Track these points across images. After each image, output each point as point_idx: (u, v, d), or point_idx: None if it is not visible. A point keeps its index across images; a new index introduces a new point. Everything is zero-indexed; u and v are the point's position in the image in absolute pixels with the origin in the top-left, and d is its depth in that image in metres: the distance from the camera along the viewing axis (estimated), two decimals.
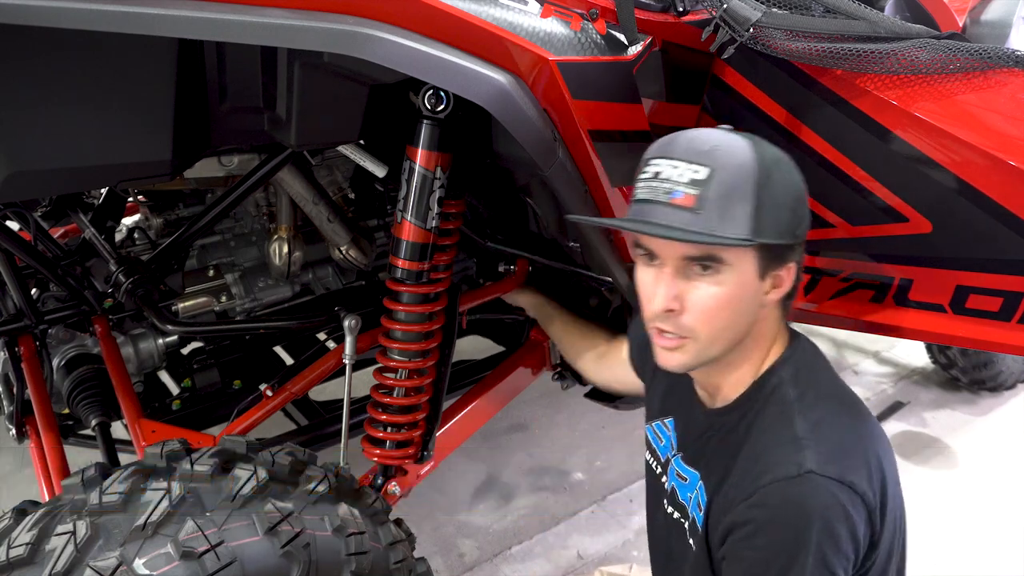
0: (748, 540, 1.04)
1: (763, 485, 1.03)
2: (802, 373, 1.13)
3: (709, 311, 1.05)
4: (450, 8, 1.10)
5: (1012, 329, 1.32)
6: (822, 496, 0.99)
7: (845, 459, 1.02)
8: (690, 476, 1.23)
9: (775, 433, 1.07)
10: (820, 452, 1.02)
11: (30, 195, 1.62)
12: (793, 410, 1.08)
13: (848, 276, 1.51)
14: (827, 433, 1.05)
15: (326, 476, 1.25)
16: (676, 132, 1.08)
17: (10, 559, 1.03)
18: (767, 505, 1.02)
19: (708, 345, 1.08)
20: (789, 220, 1.05)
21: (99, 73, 1.04)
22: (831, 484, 0.99)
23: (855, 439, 1.07)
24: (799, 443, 1.03)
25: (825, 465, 1.01)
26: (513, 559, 2.42)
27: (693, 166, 1.01)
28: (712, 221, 0.99)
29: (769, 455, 1.06)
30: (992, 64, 1.23)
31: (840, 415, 1.10)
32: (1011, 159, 1.19)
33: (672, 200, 1.01)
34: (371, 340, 1.71)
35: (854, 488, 1.00)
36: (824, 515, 0.99)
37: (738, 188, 1.00)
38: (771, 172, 1.02)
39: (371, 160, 1.59)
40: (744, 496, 1.05)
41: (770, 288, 1.09)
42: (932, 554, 2.39)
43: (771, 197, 1.01)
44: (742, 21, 1.26)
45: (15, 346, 1.89)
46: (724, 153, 1.02)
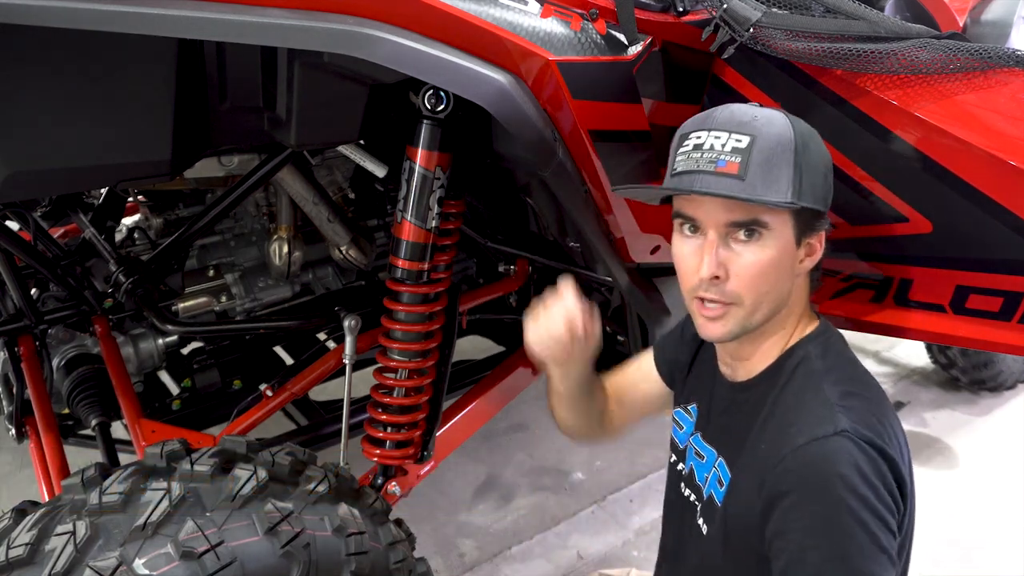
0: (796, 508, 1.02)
1: (799, 446, 1.02)
2: (830, 352, 1.14)
3: (754, 276, 1.07)
4: (450, 8, 1.10)
5: (1012, 329, 1.32)
6: (861, 453, 0.99)
7: (874, 428, 1.03)
8: (708, 454, 1.23)
9: (805, 399, 1.08)
10: (852, 418, 1.02)
11: (30, 195, 1.62)
12: (823, 379, 1.09)
13: (848, 276, 1.50)
14: (857, 404, 1.06)
15: (326, 476, 1.25)
16: (710, 109, 1.11)
17: (10, 559, 1.03)
18: (807, 464, 1.01)
19: (752, 311, 1.10)
20: (823, 187, 1.09)
21: (99, 73, 1.04)
22: (866, 447, 1.00)
23: (882, 418, 1.07)
24: (831, 407, 1.04)
25: (859, 428, 1.01)
26: (513, 559, 2.42)
27: (735, 135, 1.04)
28: (757, 186, 1.02)
29: (801, 418, 1.05)
30: (992, 64, 1.23)
31: (868, 394, 1.11)
32: (1011, 159, 1.19)
33: (717, 168, 1.04)
34: (371, 340, 1.71)
35: (885, 454, 1.01)
36: (862, 470, 0.98)
37: (779, 155, 1.04)
38: (807, 141, 1.07)
39: (371, 160, 1.59)
40: (777, 460, 1.04)
41: (804, 256, 1.12)
42: (932, 554, 2.39)
43: (808, 164, 1.05)
44: (742, 21, 1.26)
45: (15, 346, 1.89)
46: (763, 123, 1.05)
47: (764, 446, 1.09)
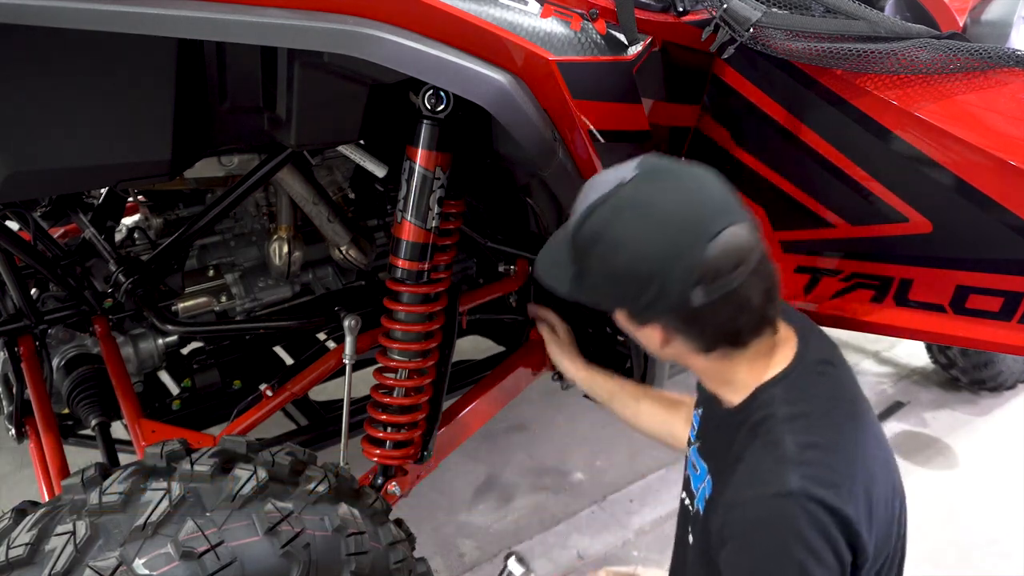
0: (737, 554, 1.06)
1: (747, 499, 1.04)
2: (796, 393, 1.11)
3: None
4: (450, 8, 1.10)
5: (1012, 329, 1.32)
6: (804, 517, 0.99)
7: (831, 484, 1.02)
8: (701, 468, 1.24)
9: (763, 450, 1.08)
10: (806, 475, 1.02)
11: (30, 195, 1.62)
12: (783, 429, 1.07)
13: (848, 276, 1.50)
14: (816, 456, 1.04)
15: (326, 476, 1.25)
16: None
17: (10, 559, 1.03)
18: (748, 520, 1.04)
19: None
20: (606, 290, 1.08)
21: (99, 73, 1.04)
22: (814, 508, 1.00)
23: (846, 462, 1.06)
24: (786, 462, 1.03)
25: (810, 488, 1.00)
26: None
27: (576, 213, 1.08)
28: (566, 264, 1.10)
29: (755, 470, 1.06)
30: (992, 64, 1.23)
31: (833, 437, 1.08)
32: (1011, 159, 1.19)
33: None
34: (371, 340, 1.71)
35: (837, 513, 1.00)
36: (805, 536, 0.99)
37: (565, 243, 1.09)
38: (590, 244, 1.05)
39: (371, 160, 1.59)
40: (730, 507, 1.07)
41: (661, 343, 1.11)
42: (932, 554, 2.39)
43: (588, 264, 1.07)
44: (742, 21, 1.26)
45: (15, 346, 1.89)
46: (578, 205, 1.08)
47: (728, 487, 1.10)
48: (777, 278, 1.06)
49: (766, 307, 1.06)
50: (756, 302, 1.04)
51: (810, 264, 1.54)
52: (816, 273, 1.54)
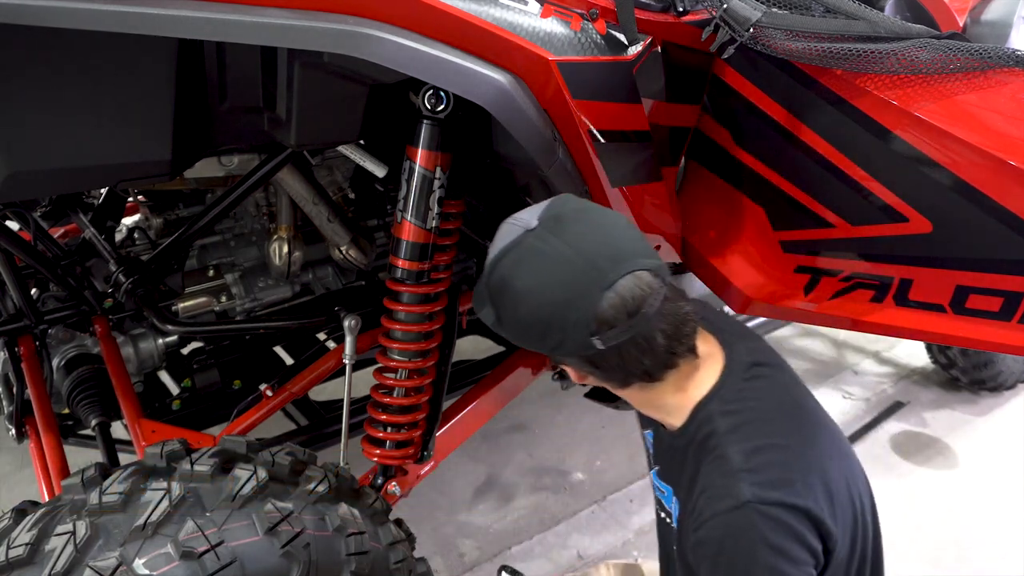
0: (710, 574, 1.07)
1: (706, 520, 1.06)
2: (732, 404, 1.13)
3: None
4: (450, 8, 1.10)
5: (1012, 329, 1.32)
6: (764, 523, 1.01)
7: (783, 483, 1.04)
8: (667, 489, 1.27)
9: (712, 468, 1.09)
10: (756, 481, 1.04)
11: (30, 195, 1.62)
12: (726, 442, 1.09)
13: (848, 276, 1.50)
14: (762, 460, 1.06)
15: (326, 476, 1.25)
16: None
17: (10, 559, 1.03)
18: (712, 540, 1.06)
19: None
20: (517, 332, 1.11)
21: (99, 73, 1.04)
22: (771, 510, 1.02)
23: (794, 457, 1.08)
24: (735, 475, 1.05)
25: (763, 493, 1.02)
26: (513, 559, 2.42)
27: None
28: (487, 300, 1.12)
29: (708, 489, 1.08)
30: (992, 64, 1.23)
31: (777, 435, 1.10)
32: (1011, 159, 1.19)
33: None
34: (371, 340, 1.71)
35: (796, 508, 1.02)
36: (769, 540, 1.01)
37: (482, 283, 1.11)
38: (499, 291, 1.08)
39: (371, 160, 1.59)
40: (694, 528, 1.09)
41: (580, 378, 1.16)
42: (932, 554, 2.39)
43: (502, 306, 1.09)
44: (742, 21, 1.26)
45: (15, 346, 1.89)
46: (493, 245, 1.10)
47: (688, 510, 1.13)
48: (685, 317, 1.08)
49: (673, 346, 1.07)
50: (660, 344, 1.06)
51: (810, 264, 1.54)
52: (816, 273, 1.54)
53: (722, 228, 1.62)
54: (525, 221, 1.07)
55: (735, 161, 1.52)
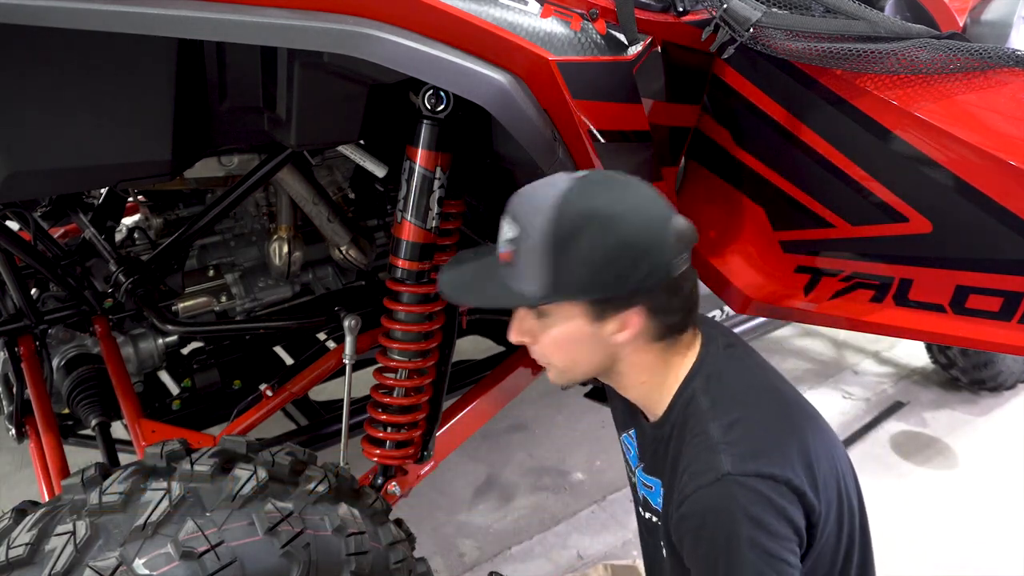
0: (693, 552, 1.09)
1: (688, 495, 1.07)
2: (712, 381, 1.15)
3: (549, 347, 1.14)
4: (450, 8, 1.10)
5: (1012, 329, 1.32)
6: (744, 494, 1.02)
7: (761, 453, 1.06)
8: (653, 484, 1.27)
9: (693, 445, 1.11)
10: (735, 454, 1.05)
11: (30, 195, 1.62)
12: (706, 419, 1.11)
13: (848, 276, 1.50)
14: (740, 432, 1.08)
15: (326, 476, 1.25)
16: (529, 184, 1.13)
17: (10, 559, 1.02)
18: (695, 514, 1.07)
19: (566, 371, 1.17)
20: (603, 272, 1.04)
21: (99, 73, 1.04)
22: (751, 481, 1.03)
23: (771, 429, 1.10)
24: (714, 449, 1.07)
25: (742, 464, 1.04)
26: (513, 559, 2.42)
27: (513, 224, 1.08)
28: (519, 277, 1.07)
29: (690, 466, 1.10)
30: (992, 64, 1.23)
31: (756, 408, 1.13)
32: (1011, 159, 1.19)
33: (500, 255, 1.10)
34: (371, 340, 1.71)
35: (775, 478, 1.03)
36: (749, 511, 1.02)
37: (536, 249, 1.05)
38: (577, 228, 1.03)
39: (371, 160, 1.59)
40: (677, 507, 1.10)
41: (615, 331, 1.10)
42: (933, 554, 2.39)
43: (572, 255, 1.03)
44: (742, 21, 1.26)
45: (15, 346, 1.89)
46: (531, 212, 1.06)
47: (673, 492, 1.14)
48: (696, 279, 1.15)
49: (694, 299, 1.14)
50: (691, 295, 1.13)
51: (810, 264, 1.54)
52: (816, 273, 1.54)
53: (722, 228, 1.62)
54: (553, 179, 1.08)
55: (735, 161, 1.52)
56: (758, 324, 2.63)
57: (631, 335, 1.10)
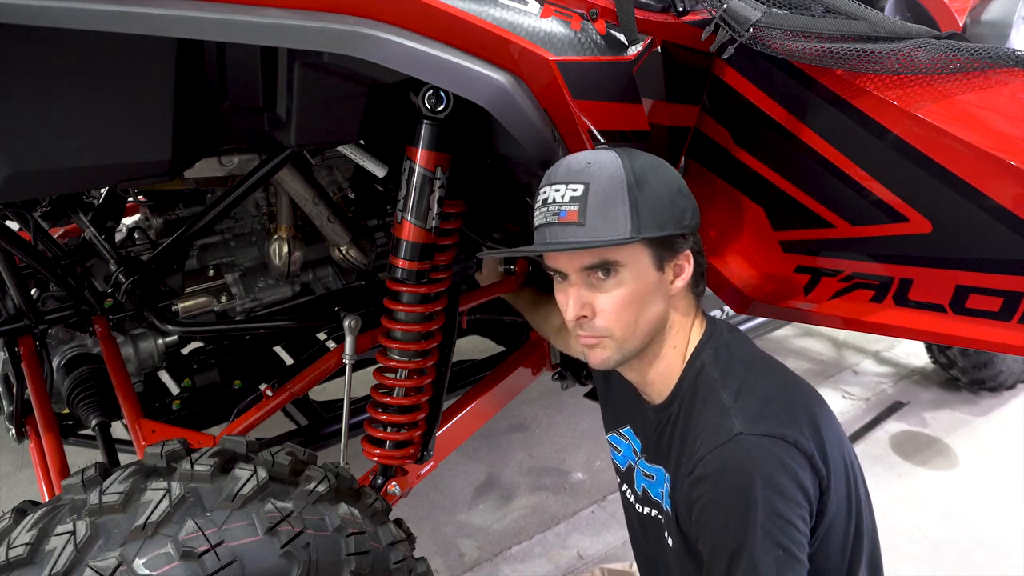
0: (703, 515, 1.10)
1: (701, 457, 1.09)
2: (721, 352, 1.21)
3: (616, 310, 1.15)
4: (450, 8, 1.10)
5: (1012, 329, 1.32)
6: (756, 452, 1.05)
7: (772, 416, 1.08)
8: (656, 473, 1.28)
9: (705, 410, 1.14)
10: (746, 415, 1.08)
11: (30, 195, 1.62)
12: (717, 386, 1.15)
13: (848, 276, 1.50)
14: (750, 396, 1.12)
15: (326, 476, 1.25)
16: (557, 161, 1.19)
17: (10, 559, 1.02)
18: (708, 475, 1.08)
19: (625, 339, 1.17)
20: (670, 212, 1.14)
21: (99, 73, 1.04)
22: (763, 440, 1.05)
23: (781, 396, 1.13)
24: (726, 412, 1.10)
25: (753, 424, 1.07)
26: (513, 559, 2.42)
27: (571, 185, 1.12)
28: (597, 229, 1.10)
29: (703, 431, 1.12)
30: (992, 64, 1.23)
31: (763, 377, 1.17)
32: (1011, 159, 1.19)
33: (560, 219, 1.13)
34: (371, 340, 1.71)
35: (786, 439, 1.05)
36: (763, 470, 1.04)
37: (612, 195, 1.11)
38: (643, 175, 1.13)
39: (371, 160, 1.59)
40: (689, 472, 1.12)
41: (673, 277, 1.18)
42: (933, 554, 2.39)
43: (646, 196, 1.11)
44: (742, 21, 1.26)
45: (15, 346, 1.89)
46: (596, 168, 1.12)
47: (683, 460, 1.16)
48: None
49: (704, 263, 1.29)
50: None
51: (810, 264, 1.54)
52: (816, 273, 1.54)
53: (722, 228, 1.62)
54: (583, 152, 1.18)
55: (735, 161, 1.52)
56: (758, 324, 2.63)
57: (685, 280, 1.18)
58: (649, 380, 1.26)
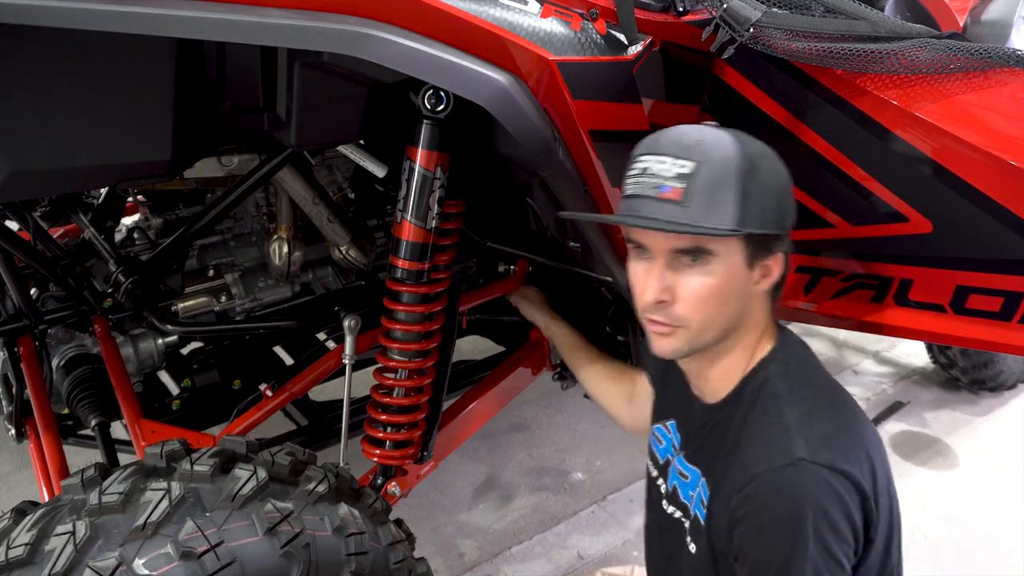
0: (747, 535, 1.05)
1: (756, 475, 1.04)
2: (792, 367, 1.15)
3: (699, 301, 1.08)
4: (450, 8, 1.10)
5: (1012, 329, 1.32)
6: (815, 483, 1.00)
7: (836, 448, 1.03)
8: (692, 474, 1.24)
9: (766, 425, 1.09)
10: (811, 441, 1.03)
11: (30, 195, 1.62)
12: (783, 403, 1.09)
13: (848, 276, 1.50)
14: (817, 424, 1.06)
15: (326, 476, 1.25)
16: (663, 129, 1.10)
17: (10, 559, 1.02)
18: (760, 496, 1.04)
19: (699, 333, 1.11)
20: (775, 210, 1.07)
21: (99, 73, 1.04)
22: (822, 471, 1.00)
23: (845, 431, 1.08)
24: (789, 432, 1.05)
25: (816, 453, 1.02)
26: (513, 559, 2.42)
27: (679, 160, 1.03)
28: (699, 213, 1.02)
29: (761, 446, 1.07)
30: (992, 64, 1.23)
31: (830, 409, 1.12)
32: (1011, 159, 1.19)
33: (661, 194, 1.04)
34: (371, 340, 1.71)
35: (846, 475, 1.01)
36: (818, 501, 0.99)
37: (723, 180, 1.03)
38: (756, 164, 1.05)
39: (371, 160, 1.59)
40: (739, 488, 1.06)
41: (759, 278, 1.11)
42: (933, 554, 2.39)
43: (756, 188, 1.04)
44: (742, 21, 1.26)
45: (15, 346, 1.88)
46: (709, 147, 1.04)
47: (732, 472, 1.10)
48: None
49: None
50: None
51: (810, 264, 1.54)
52: (816, 273, 1.54)
53: None
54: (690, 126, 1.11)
55: None
56: None
57: (771, 283, 1.12)
58: (707, 376, 1.20)
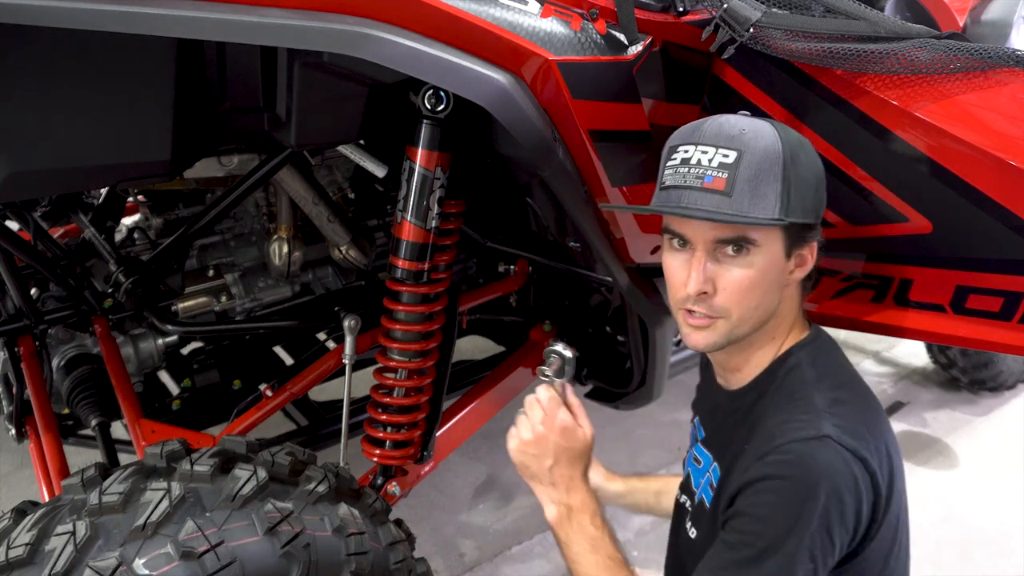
0: (758, 493, 1.04)
1: (780, 444, 1.04)
2: (820, 358, 1.16)
3: (741, 291, 1.08)
4: (450, 8, 1.10)
5: (1012, 329, 1.32)
6: (836, 461, 1.00)
7: (860, 436, 1.04)
8: (704, 459, 1.25)
9: (793, 405, 1.09)
10: (838, 424, 1.04)
11: (30, 195, 1.62)
12: (811, 388, 1.10)
13: (848, 276, 1.50)
14: (845, 412, 1.07)
15: (326, 476, 1.25)
16: (700, 119, 1.11)
17: (10, 559, 1.02)
18: (782, 461, 1.03)
19: (738, 324, 1.11)
20: (813, 199, 1.09)
21: (99, 73, 1.04)
22: (846, 453, 1.01)
23: (870, 425, 1.09)
24: (819, 413, 1.05)
25: (843, 436, 1.02)
26: (513, 559, 2.42)
27: (722, 150, 1.04)
28: (743, 203, 1.02)
29: (787, 423, 1.07)
30: (992, 64, 1.23)
31: (858, 400, 1.13)
32: (1011, 159, 1.19)
33: (704, 184, 1.04)
34: (371, 340, 1.71)
35: (867, 465, 1.02)
36: (835, 480, 1.00)
37: (766, 170, 1.03)
38: (797, 153, 1.06)
39: (371, 160, 1.59)
40: (760, 455, 1.06)
41: (794, 267, 1.13)
42: (933, 554, 2.39)
43: (798, 177, 1.05)
44: (742, 21, 1.26)
45: (15, 346, 1.89)
46: (751, 137, 1.04)
47: (752, 443, 1.11)
48: None
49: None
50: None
51: None
52: (816, 273, 1.54)
53: None
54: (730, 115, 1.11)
55: None
56: None
57: (805, 272, 1.14)
58: (735, 365, 1.21)
